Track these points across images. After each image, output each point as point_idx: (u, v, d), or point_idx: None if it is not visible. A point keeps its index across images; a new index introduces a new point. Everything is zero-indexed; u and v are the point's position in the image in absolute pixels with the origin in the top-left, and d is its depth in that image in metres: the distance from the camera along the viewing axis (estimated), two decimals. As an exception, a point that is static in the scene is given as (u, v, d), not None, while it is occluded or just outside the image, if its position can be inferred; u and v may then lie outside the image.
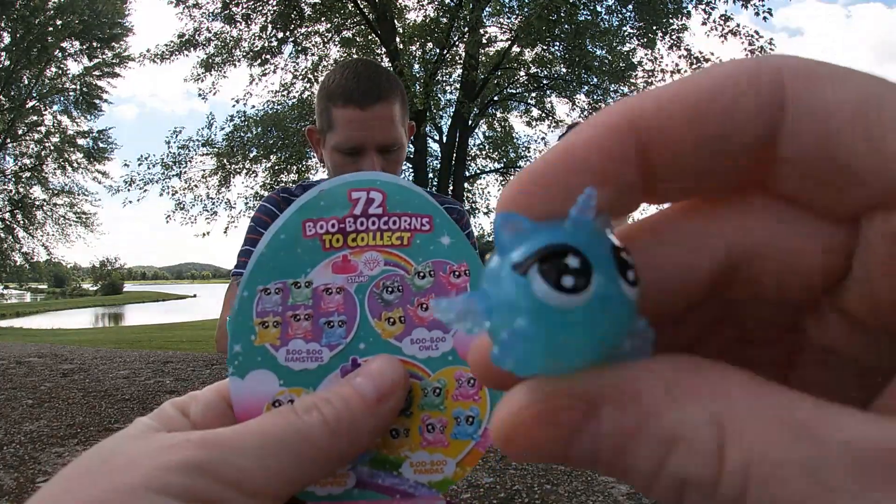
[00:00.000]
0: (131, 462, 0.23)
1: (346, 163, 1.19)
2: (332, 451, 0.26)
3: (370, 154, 1.17)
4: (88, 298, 53.89)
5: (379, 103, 1.16)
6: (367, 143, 1.17)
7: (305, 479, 0.26)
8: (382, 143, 1.18)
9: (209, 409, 0.29)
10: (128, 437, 0.26)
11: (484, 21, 8.52)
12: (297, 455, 0.25)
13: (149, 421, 0.27)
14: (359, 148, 1.17)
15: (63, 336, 11.44)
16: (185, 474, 0.22)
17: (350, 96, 1.15)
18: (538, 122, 10.83)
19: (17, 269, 19.03)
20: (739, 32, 8.17)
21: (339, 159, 1.19)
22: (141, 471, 0.23)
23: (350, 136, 1.16)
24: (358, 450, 0.27)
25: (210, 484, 0.23)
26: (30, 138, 17.52)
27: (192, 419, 0.29)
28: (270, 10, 8.81)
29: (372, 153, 1.17)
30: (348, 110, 1.15)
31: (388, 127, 1.19)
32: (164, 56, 9.41)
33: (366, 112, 1.15)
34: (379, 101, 1.16)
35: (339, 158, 1.19)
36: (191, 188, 9.67)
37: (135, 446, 0.25)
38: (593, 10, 7.94)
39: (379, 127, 1.17)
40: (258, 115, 9.17)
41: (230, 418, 0.29)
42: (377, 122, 1.16)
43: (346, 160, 1.18)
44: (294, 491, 0.25)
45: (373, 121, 1.16)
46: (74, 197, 18.11)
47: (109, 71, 17.62)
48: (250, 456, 0.24)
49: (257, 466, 0.24)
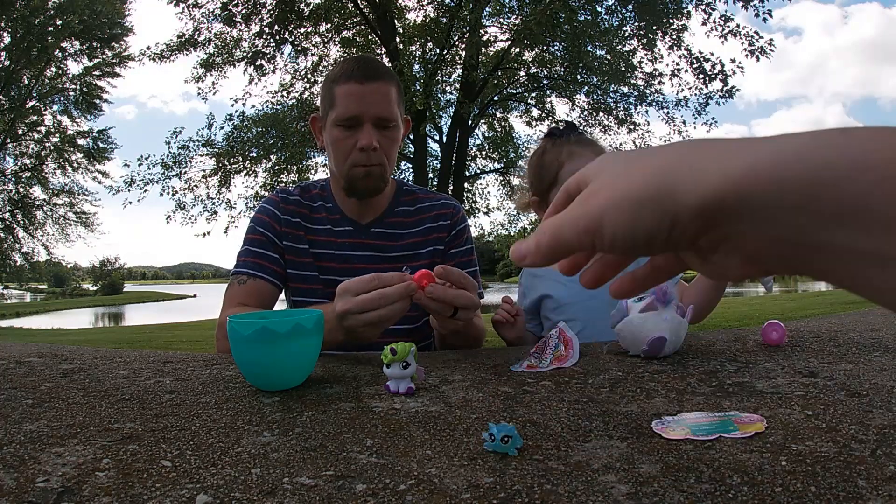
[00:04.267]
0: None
1: (344, 136, 1.25)
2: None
3: (367, 126, 1.24)
4: (88, 298, 53.82)
5: (377, 81, 1.24)
6: (364, 114, 1.23)
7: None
8: (379, 116, 1.25)
9: None
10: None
11: (483, 22, 8.52)
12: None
13: None
14: (357, 118, 1.24)
15: (63, 336, 11.43)
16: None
17: (351, 74, 1.24)
18: (538, 122, 10.83)
19: (17, 269, 19.00)
20: (739, 33, 8.16)
21: (338, 133, 1.26)
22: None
23: (349, 107, 1.23)
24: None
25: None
26: (30, 138, 17.51)
27: None
28: (268, 12, 8.80)
29: (368, 125, 1.24)
30: (348, 85, 1.24)
31: (385, 102, 1.26)
32: (163, 55, 9.41)
33: (364, 86, 1.23)
34: (377, 79, 1.24)
35: (337, 133, 1.26)
36: (191, 188, 9.66)
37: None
38: (593, 11, 7.94)
39: (376, 101, 1.24)
40: (258, 116, 9.16)
41: None
42: (375, 97, 1.24)
43: (345, 133, 1.25)
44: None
45: (371, 94, 1.23)
46: (74, 197, 18.11)
47: (109, 71, 17.60)
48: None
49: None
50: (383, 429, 0.63)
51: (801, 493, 0.45)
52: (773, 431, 0.59)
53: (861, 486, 0.46)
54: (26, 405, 0.73)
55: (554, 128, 1.42)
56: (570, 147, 1.35)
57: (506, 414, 0.68)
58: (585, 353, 1.02)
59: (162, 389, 0.82)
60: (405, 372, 0.77)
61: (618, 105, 9.65)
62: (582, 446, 0.57)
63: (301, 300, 1.33)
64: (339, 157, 1.27)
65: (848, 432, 0.58)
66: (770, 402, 0.70)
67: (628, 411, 0.68)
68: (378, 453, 0.56)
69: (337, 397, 0.76)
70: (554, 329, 1.00)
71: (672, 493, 0.46)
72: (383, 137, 1.26)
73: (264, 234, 1.32)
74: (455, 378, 0.86)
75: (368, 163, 1.26)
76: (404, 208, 1.39)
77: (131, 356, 1.05)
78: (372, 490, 0.48)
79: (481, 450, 0.57)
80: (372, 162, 1.26)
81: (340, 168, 1.28)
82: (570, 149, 1.35)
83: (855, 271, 0.26)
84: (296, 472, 0.52)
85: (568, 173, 1.30)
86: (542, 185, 1.38)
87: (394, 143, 1.30)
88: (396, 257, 1.36)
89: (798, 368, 0.86)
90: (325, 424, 0.65)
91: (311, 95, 9.71)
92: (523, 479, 0.50)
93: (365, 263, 1.33)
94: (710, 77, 8.56)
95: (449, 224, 1.40)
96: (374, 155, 1.25)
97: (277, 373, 0.79)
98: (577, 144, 1.35)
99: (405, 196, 1.41)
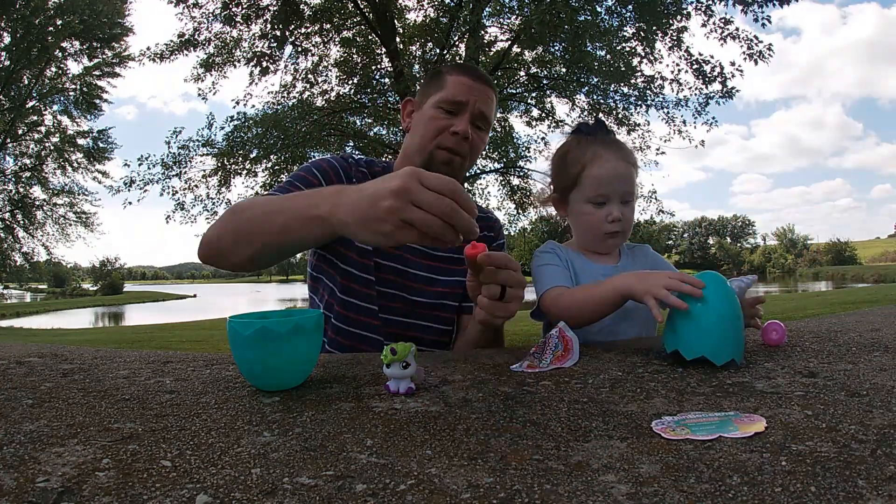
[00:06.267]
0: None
1: (440, 117, 1.30)
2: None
3: (466, 116, 1.30)
4: (88, 298, 53.80)
5: (487, 85, 1.34)
6: (469, 103, 1.29)
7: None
8: (480, 112, 1.31)
9: None
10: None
11: (484, 22, 8.52)
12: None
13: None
14: (462, 105, 1.29)
15: (63, 336, 11.43)
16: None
17: (467, 69, 1.34)
18: (538, 122, 10.82)
19: (17, 269, 19.00)
20: (738, 37, 8.16)
21: (437, 113, 1.30)
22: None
23: (459, 92, 1.29)
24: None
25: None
26: (30, 138, 17.51)
27: None
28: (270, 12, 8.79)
29: (467, 116, 1.30)
30: (463, 77, 1.32)
31: (489, 104, 1.34)
32: (163, 56, 9.40)
33: (476, 84, 1.31)
34: (487, 84, 1.34)
35: (436, 113, 1.30)
36: (191, 188, 9.65)
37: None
38: (593, 11, 7.93)
39: (482, 99, 1.31)
40: (258, 116, 9.16)
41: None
42: (483, 95, 1.32)
43: (442, 115, 1.30)
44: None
45: (480, 92, 1.31)
46: (74, 197, 18.11)
47: (109, 71, 17.60)
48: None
49: None
50: (383, 429, 0.63)
51: (801, 493, 0.45)
52: (773, 431, 0.59)
53: (861, 486, 0.46)
54: (26, 405, 0.73)
55: (582, 124, 1.36)
56: (595, 148, 1.27)
57: (506, 414, 0.68)
58: (585, 353, 1.02)
59: (162, 389, 0.82)
60: (405, 372, 0.77)
61: (618, 105, 9.65)
62: (582, 446, 0.57)
63: (340, 266, 1.27)
64: (428, 134, 1.29)
65: (848, 432, 0.58)
66: (770, 402, 0.70)
67: (628, 411, 0.68)
68: (378, 453, 0.56)
69: (337, 397, 0.76)
70: (554, 329, 1.00)
71: (672, 493, 0.46)
72: (475, 134, 1.31)
73: (319, 180, 1.26)
74: (455, 378, 0.86)
75: (456, 148, 1.28)
76: None
77: (131, 356, 1.05)
78: (372, 490, 0.48)
79: (481, 450, 0.57)
80: (459, 151, 1.29)
81: (426, 145, 1.29)
82: (595, 150, 1.26)
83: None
84: (296, 472, 0.52)
85: (589, 177, 1.25)
86: (563, 184, 1.32)
87: (481, 143, 1.35)
88: (443, 257, 1.37)
89: (798, 368, 0.86)
90: (325, 424, 0.65)
91: (312, 96, 9.71)
92: (523, 479, 0.50)
93: (413, 254, 1.33)
94: (710, 79, 8.56)
95: (492, 236, 1.45)
96: (464, 144, 1.29)
97: (277, 373, 0.79)
98: (602, 146, 1.27)
99: None
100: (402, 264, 1.31)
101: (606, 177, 1.24)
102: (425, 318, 1.33)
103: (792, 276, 77.12)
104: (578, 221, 1.31)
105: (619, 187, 1.24)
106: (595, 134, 1.31)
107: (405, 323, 1.31)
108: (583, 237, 1.32)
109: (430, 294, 1.33)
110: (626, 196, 1.25)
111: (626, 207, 1.26)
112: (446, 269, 1.36)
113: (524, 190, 10.94)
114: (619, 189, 1.24)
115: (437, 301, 1.34)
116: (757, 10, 7.55)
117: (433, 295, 1.33)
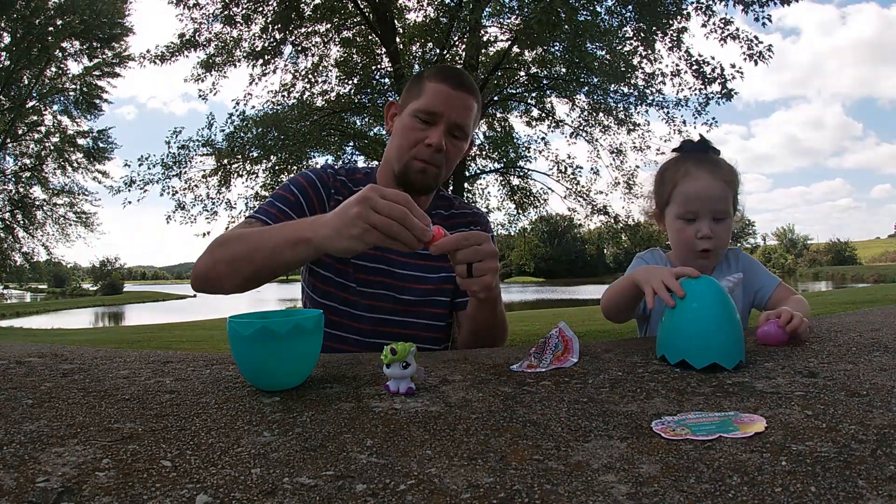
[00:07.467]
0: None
1: (417, 127, 1.30)
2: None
3: (441, 127, 1.29)
4: (88, 298, 53.77)
5: (467, 93, 1.31)
6: (444, 115, 1.29)
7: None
8: (455, 123, 1.30)
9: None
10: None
11: (483, 22, 8.51)
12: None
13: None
14: (436, 116, 1.29)
15: (63, 336, 11.43)
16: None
17: (447, 76, 1.31)
18: (538, 122, 10.81)
19: (17, 269, 18.99)
20: (738, 37, 8.15)
21: (412, 123, 1.31)
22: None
23: (433, 103, 1.29)
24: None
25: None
26: (30, 138, 17.50)
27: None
28: (270, 11, 8.79)
29: (442, 126, 1.30)
30: (441, 85, 1.30)
31: (466, 114, 1.32)
32: (164, 57, 9.39)
33: (454, 92, 1.29)
34: (468, 92, 1.31)
35: (413, 122, 1.31)
36: (191, 188, 9.64)
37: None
38: (593, 11, 7.92)
39: (459, 109, 1.30)
40: (258, 116, 9.15)
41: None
42: (459, 104, 1.30)
43: (419, 126, 1.30)
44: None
45: (456, 101, 1.30)
46: (74, 197, 18.09)
47: (109, 71, 17.58)
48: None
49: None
50: (383, 429, 0.63)
51: (801, 493, 0.45)
52: (773, 431, 0.59)
53: (861, 486, 0.46)
54: (26, 405, 0.74)
55: (685, 142, 1.38)
56: (688, 166, 1.30)
57: (506, 414, 0.68)
58: (585, 353, 1.02)
59: (162, 389, 0.82)
60: (405, 372, 0.77)
61: (618, 105, 9.65)
62: (582, 446, 0.57)
63: (324, 274, 1.34)
64: (405, 144, 1.31)
65: (848, 432, 0.58)
66: (770, 402, 0.70)
67: (628, 411, 0.68)
68: (378, 453, 0.56)
69: (337, 397, 0.76)
70: (554, 329, 1.00)
71: (672, 493, 0.46)
72: (451, 144, 1.32)
73: (296, 196, 1.31)
74: (455, 378, 0.86)
75: (430, 160, 1.30)
76: (440, 212, 1.45)
77: (131, 356, 1.06)
78: (372, 490, 0.48)
79: (481, 450, 0.57)
80: (433, 162, 1.30)
81: (402, 155, 1.31)
82: (688, 168, 1.30)
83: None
84: (296, 472, 0.52)
85: (680, 194, 1.29)
86: (660, 200, 1.37)
87: (458, 152, 1.35)
88: (431, 256, 1.39)
89: (798, 368, 0.86)
90: (325, 424, 0.65)
91: (312, 96, 9.70)
92: (523, 479, 0.50)
93: (396, 255, 1.36)
94: (710, 80, 8.55)
95: (478, 230, 1.46)
96: (438, 156, 1.30)
97: (277, 373, 0.79)
98: (694, 164, 1.30)
99: (442, 201, 1.48)
100: (387, 265, 1.35)
101: (695, 193, 1.27)
102: (416, 315, 1.37)
103: (792, 276, 77.02)
104: (672, 236, 1.35)
105: (709, 204, 1.27)
106: (692, 151, 1.35)
107: (395, 321, 1.35)
108: (677, 252, 1.37)
109: (419, 291, 1.36)
110: (717, 213, 1.28)
111: (717, 225, 1.28)
112: (435, 266, 1.38)
113: (524, 190, 10.94)
114: (709, 206, 1.27)
115: (426, 298, 1.37)
116: (758, 10, 7.53)
117: (422, 292, 1.37)
